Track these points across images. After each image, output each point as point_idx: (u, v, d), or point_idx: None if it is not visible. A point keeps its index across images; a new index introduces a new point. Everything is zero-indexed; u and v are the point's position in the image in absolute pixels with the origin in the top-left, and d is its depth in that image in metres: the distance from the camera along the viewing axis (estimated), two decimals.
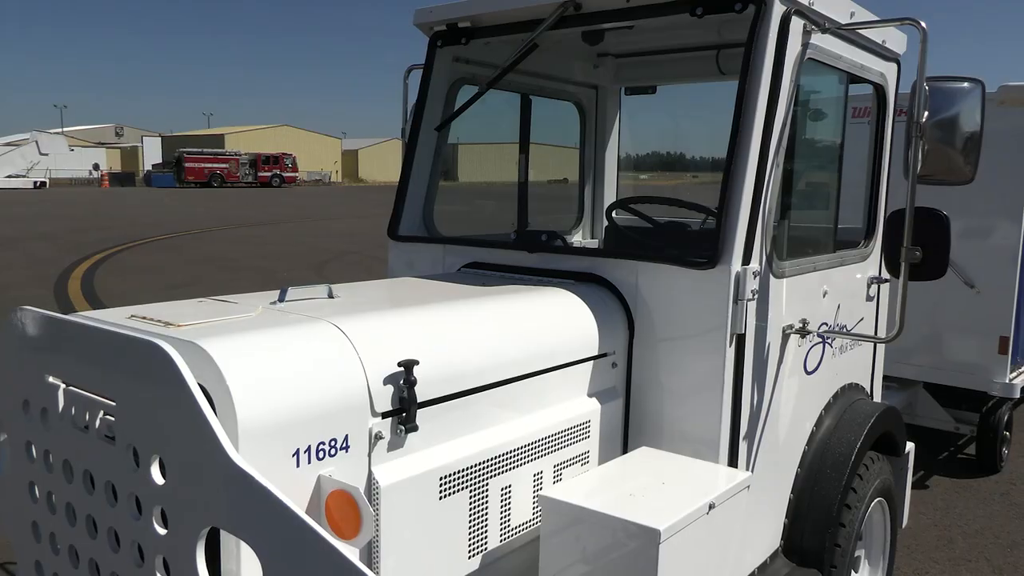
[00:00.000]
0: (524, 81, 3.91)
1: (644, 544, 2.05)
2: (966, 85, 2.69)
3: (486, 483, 2.23)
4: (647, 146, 5.79)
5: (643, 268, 2.72)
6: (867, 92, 3.47)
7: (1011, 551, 4.56)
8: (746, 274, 2.53)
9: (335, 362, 1.91)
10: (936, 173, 2.72)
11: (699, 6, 2.69)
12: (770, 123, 2.62)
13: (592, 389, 2.66)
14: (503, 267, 3.09)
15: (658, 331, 2.70)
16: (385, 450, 1.99)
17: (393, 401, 2.00)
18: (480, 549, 2.25)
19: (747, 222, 2.56)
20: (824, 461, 3.08)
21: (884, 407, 3.34)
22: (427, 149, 3.48)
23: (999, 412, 5.74)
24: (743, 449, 2.69)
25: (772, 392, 2.83)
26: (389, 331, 2.09)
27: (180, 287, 12.98)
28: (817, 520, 2.99)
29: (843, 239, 3.43)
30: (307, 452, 1.82)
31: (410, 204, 3.44)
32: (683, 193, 4.01)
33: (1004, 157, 5.41)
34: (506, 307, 2.47)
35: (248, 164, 64.34)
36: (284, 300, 2.26)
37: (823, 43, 2.85)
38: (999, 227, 5.54)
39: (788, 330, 2.87)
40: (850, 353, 3.42)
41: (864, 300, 3.47)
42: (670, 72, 4.23)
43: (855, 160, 3.53)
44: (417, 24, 3.41)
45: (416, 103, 3.48)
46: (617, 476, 2.35)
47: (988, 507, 5.17)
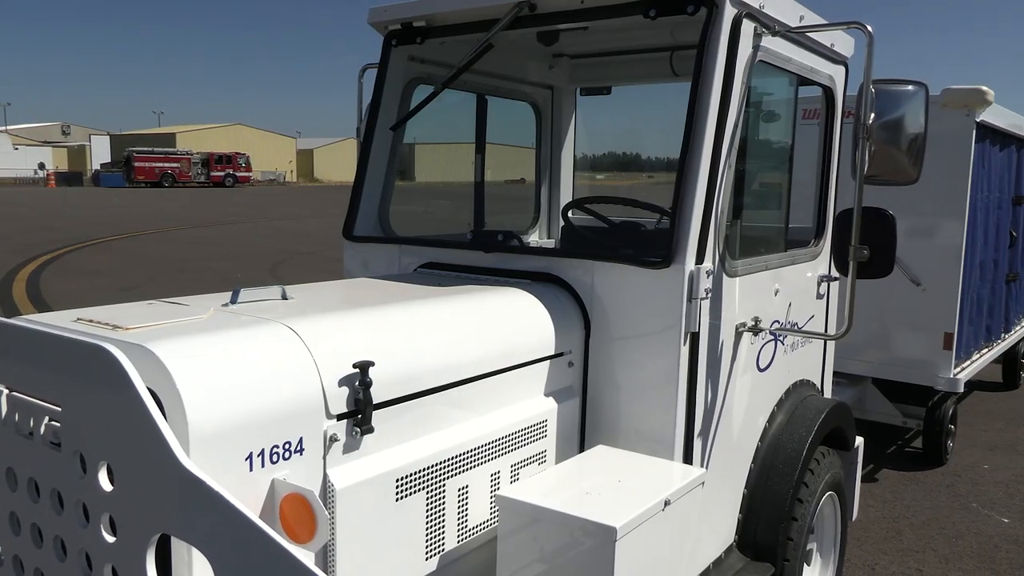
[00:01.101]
0: (480, 81, 3.91)
1: (600, 542, 2.06)
2: (910, 88, 2.76)
3: (443, 484, 2.23)
4: (603, 146, 5.83)
5: (598, 268, 2.74)
6: (817, 94, 3.54)
7: (956, 541, 4.69)
8: (699, 273, 2.57)
9: (289, 364, 1.88)
10: (882, 174, 2.78)
11: (652, 8, 2.71)
12: (722, 124, 2.65)
13: (549, 388, 2.67)
14: (459, 267, 3.08)
15: (613, 330, 2.72)
16: (340, 452, 1.97)
17: (348, 403, 1.98)
18: (437, 550, 2.24)
19: (700, 222, 2.59)
20: (776, 457, 3.13)
21: (834, 403, 3.42)
22: (382, 149, 3.46)
23: (944, 406, 5.90)
24: (698, 446, 2.73)
25: (726, 389, 2.87)
26: (344, 332, 2.07)
27: (130, 289, 12.70)
28: (770, 515, 3.04)
29: (794, 238, 3.49)
30: (260, 456, 1.79)
31: (365, 204, 3.41)
32: (639, 193, 4.04)
33: (947, 158, 5.56)
34: (462, 307, 2.46)
35: (200, 163, 63.20)
36: (236, 302, 2.22)
37: (773, 46, 2.90)
38: (943, 226, 5.70)
39: (741, 328, 2.91)
40: (801, 350, 3.49)
41: (814, 298, 3.54)
42: (625, 73, 4.26)
43: (805, 161, 3.60)
44: (372, 23, 3.39)
45: (371, 102, 3.46)
46: (573, 475, 2.36)
47: (934, 499, 5.32)
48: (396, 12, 3.25)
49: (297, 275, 14.83)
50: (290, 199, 47.35)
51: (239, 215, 31.81)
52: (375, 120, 3.41)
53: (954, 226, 5.66)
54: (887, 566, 4.37)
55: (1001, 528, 4.88)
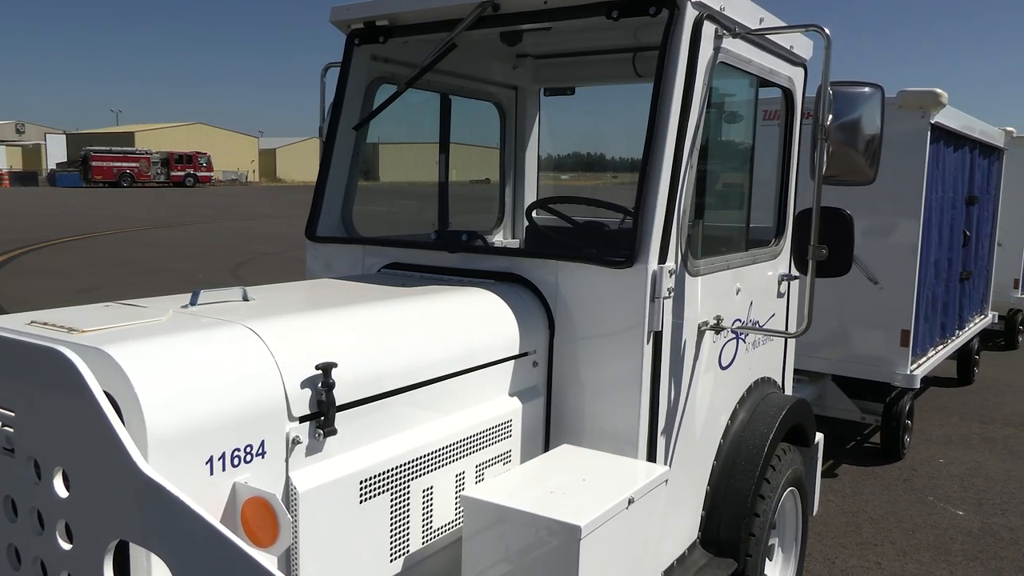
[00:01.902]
0: (443, 81, 3.90)
1: (565, 541, 2.07)
2: (867, 90, 2.82)
3: (407, 485, 2.22)
4: (567, 147, 5.86)
5: (562, 268, 2.74)
6: (776, 96, 3.59)
7: (913, 534, 4.79)
8: (662, 273, 2.59)
9: (249, 366, 1.86)
10: (840, 174, 2.83)
11: (615, 9, 2.73)
12: (684, 125, 2.68)
13: (513, 388, 2.67)
14: (423, 268, 3.07)
15: (578, 330, 2.73)
16: (303, 455, 1.96)
17: (311, 405, 1.96)
18: (402, 552, 2.23)
19: (663, 222, 2.62)
20: (739, 453, 3.17)
21: (795, 400, 3.47)
22: (345, 148, 3.44)
23: (901, 402, 6.03)
24: (661, 444, 2.75)
25: (689, 387, 2.89)
26: (306, 333, 2.05)
27: (86, 291, 12.45)
28: (733, 511, 3.08)
29: (755, 238, 3.54)
30: (221, 459, 1.77)
31: (328, 204, 3.39)
32: (603, 193, 4.07)
33: (903, 159, 5.68)
34: (426, 308, 2.46)
35: (160, 163, 62.14)
36: (196, 303, 2.19)
37: (734, 47, 2.93)
38: (900, 226, 5.82)
39: (703, 327, 2.94)
40: (762, 348, 3.54)
41: (775, 296, 3.59)
42: (588, 74, 4.28)
43: (766, 161, 3.65)
44: (334, 22, 3.36)
45: (334, 102, 3.43)
46: (538, 474, 2.37)
47: (892, 493, 5.42)
48: (359, 11, 3.23)
49: (259, 276, 14.67)
50: (252, 199, 46.80)
51: (200, 215, 31.37)
52: (338, 120, 3.38)
53: (910, 225, 5.78)
54: (847, 559, 4.45)
55: (956, 521, 4.99)
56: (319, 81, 3.61)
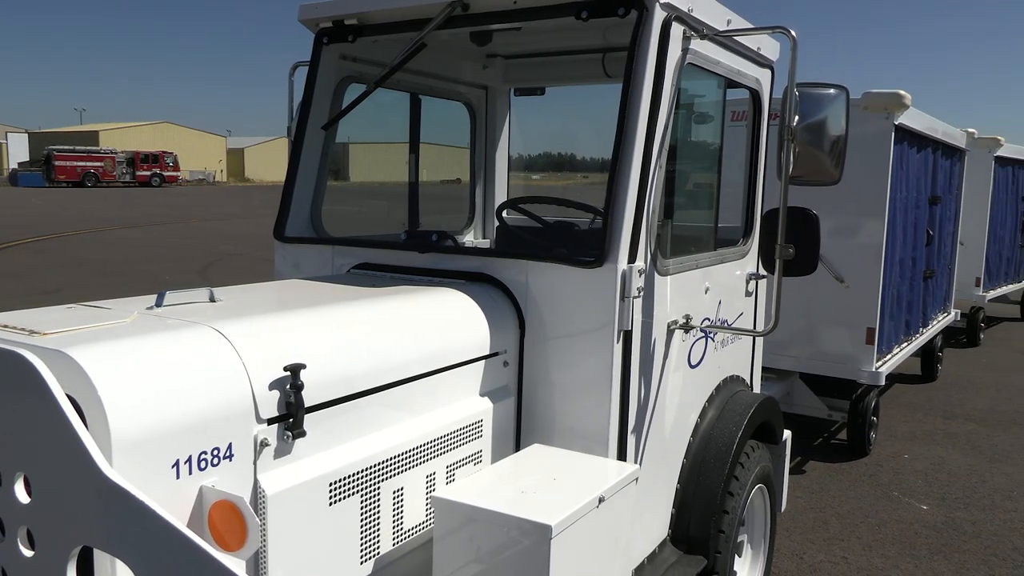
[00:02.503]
0: (413, 80, 3.89)
1: (536, 540, 2.07)
2: (832, 91, 2.85)
3: (377, 487, 2.21)
4: (538, 147, 5.88)
5: (533, 267, 2.75)
6: (744, 97, 3.62)
7: (879, 529, 4.87)
8: (632, 272, 2.60)
9: (216, 368, 1.84)
10: (806, 174, 2.87)
11: (584, 10, 2.74)
12: (653, 125, 2.69)
13: (484, 388, 2.67)
14: (393, 268, 3.06)
15: (548, 329, 2.74)
16: (272, 457, 1.94)
17: (279, 407, 1.95)
18: (372, 554, 2.22)
19: (632, 222, 2.63)
20: (708, 451, 3.20)
21: (763, 397, 3.50)
22: (314, 148, 3.41)
23: (867, 399, 6.12)
24: (631, 442, 2.77)
25: (658, 386, 2.91)
26: (274, 334, 2.03)
27: (50, 293, 12.22)
28: (702, 508, 3.10)
29: (723, 237, 3.57)
30: (188, 463, 1.74)
31: (297, 204, 3.36)
32: (573, 193, 4.08)
33: (868, 159, 5.77)
34: (396, 308, 2.44)
35: (125, 163, 61.18)
36: (162, 305, 2.16)
37: (702, 49, 2.96)
38: (865, 225, 5.91)
39: (673, 326, 2.96)
40: (731, 346, 3.57)
41: (743, 295, 3.62)
42: (558, 74, 4.29)
43: (734, 161, 3.69)
44: (302, 20, 3.34)
45: (302, 101, 3.40)
46: (509, 474, 2.37)
47: (858, 488, 5.50)
48: (327, 9, 3.21)
49: (227, 277, 14.51)
50: (220, 199, 46.27)
51: (167, 216, 30.95)
52: (306, 119, 3.36)
53: (875, 225, 5.88)
54: (814, 555, 4.51)
55: (920, 515, 5.08)
56: (287, 80, 3.58)
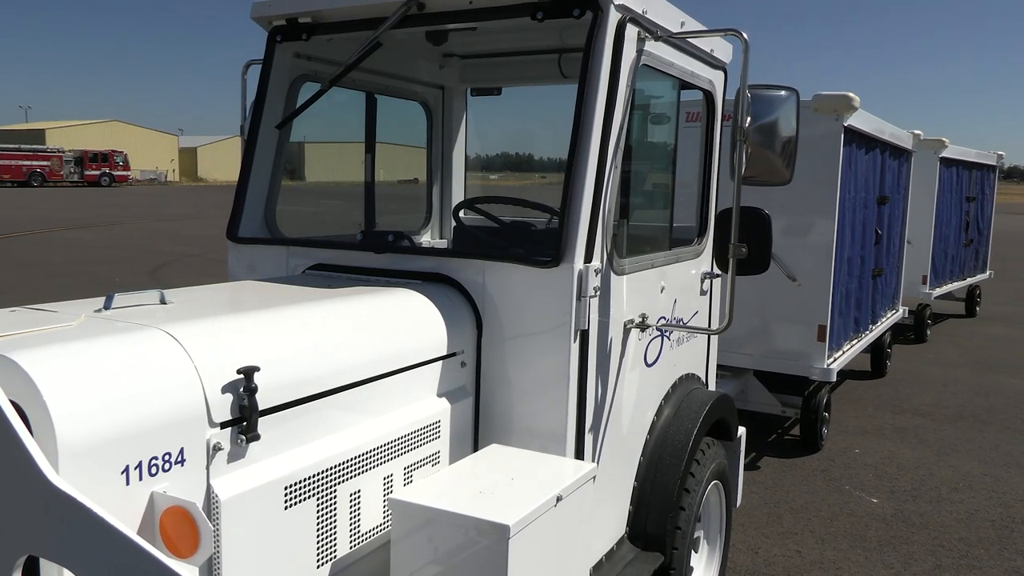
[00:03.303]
0: (369, 79, 3.86)
1: (494, 541, 2.07)
2: (783, 93, 2.91)
3: (334, 490, 2.19)
4: (495, 147, 5.88)
5: (489, 267, 2.75)
6: (698, 98, 3.67)
7: (831, 522, 4.97)
8: (588, 272, 2.62)
9: (167, 371, 1.80)
10: (758, 175, 2.91)
11: (539, 11, 2.75)
12: (608, 125, 2.71)
13: (441, 389, 2.66)
14: (349, 269, 3.04)
15: (505, 329, 2.74)
16: (225, 462, 1.91)
17: (233, 410, 1.92)
18: (329, 557, 2.20)
19: (588, 222, 2.65)
20: (664, 449, 3.23)
21: (718, 395, 3.55)
22: (268, 147, 3.37)
23: (819, 395, 6.24)
24: (589, 441, 2.78)
25: (615, 385, 2.94)
26: (227, 337, 2.00)
27: None
28: (659, 505, 3.14)
29: (678, 237, 3.61)
30: (138, 468, 1.71)
31: (250, 204, 3.31)
32: (531, 193, 4.09)
33: (819, 160, 5.88)
34: (351, 309, 2.43)
35: (73, 162, 59.66)
36: (110, 307, 2.11)
37: (656, 50, 2.99)
38: (816, 224, 6.02)
39: (629, 325, 2.99)
40: (687, 345, 3.61)
41: (698, 294, 3.67)
42: (514, 74, 4.30)
43: (689, 162, 3.73)
44: (255, 18, 3.29)
45: (255, 100, 3.36)
46: (467, 475, 2.37)
47: (811, 483, 5.61)
48: (280, 7, 3.17)
49: (180, 278, 14.25)
50: (172, 199, 45.42)
51: (117, 216, 30.28)
52: (260, 118, 3.31)
53: (825, 224, 6.00)
54: (769, 549, 4.59)
55: (871, 508, 5.20)
56: (240, 78, 3.53)
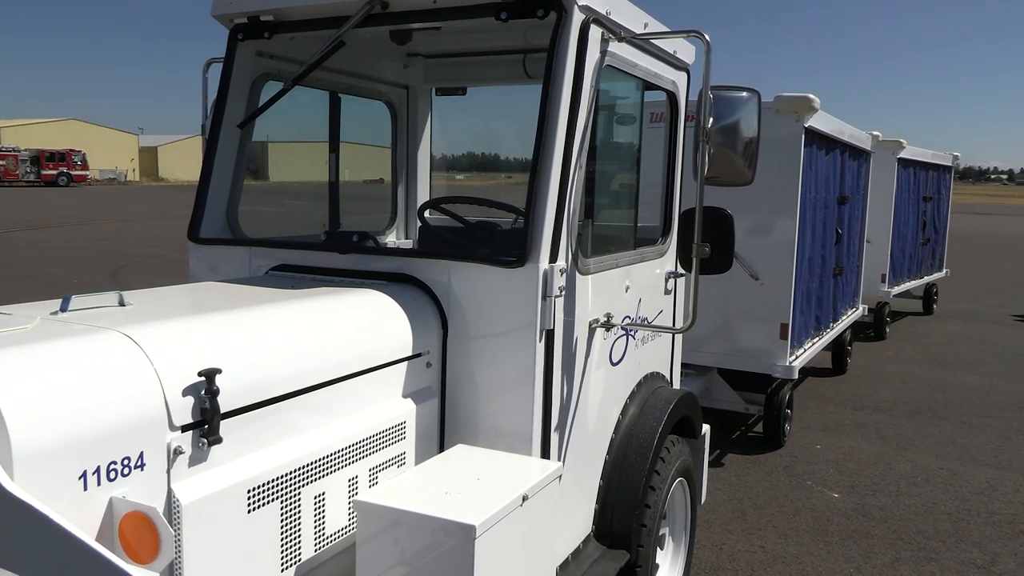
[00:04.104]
0: (332, 79, 3.83)
1: (460, 541, 2.07)
2: (744, 94, 2.94)
3: (298, 493, 2.17)
4: (460, 147, 5.86)
5: (455, 268, 2.74)
6: (662, 99, 3.70)
7: (794, 517, 5.04)
8: (553, 272, 2.62)
9: (125, 374, 1.77)
10: (721, 175, 2.94)
11: (503, 11, 2.75)
12: (573, 126, 2.72)
13: (407, 390, 2.65)
14: (313, 269, 3.01)
15: (471, 329, 2.74)
16: (186, 466, 1.88)
17: (194, 413, 1.89)
18: (293, 561, 2.18)
19: (553, 222, 2.65)
20: (630, 447, 3.25)
21: (682, 393, 3.58)
22: (229, 147, 3.32)
23: (782, 392, 6.33)
24: (555, 440, 2.79)
25: (581, 384, 2.95)
26: (187, 339, 1.97)
27: None
28: (625, 503, 3.16)
29: (643, 237, 3.64)
30: (96, 473, 1.68)
31: (212, 204, 3.27)
32: (497, 193, 4.09)
33: (780, 161, 5.96)
34: (315, 310, 2.41)
35: (30, 161, 58.35)
36: (67, 310, 2.07)
37: (620, 51, 3.00)
38: (778, 224, 6.11)
39: (594, 324, 3.00)
40: (651, 344, 3.64)
41: (663, 293, 3.70)
42: (479, 74, 4.30)
43: (653, 162, 3.76)
44: (216, 15, 3.25)
45: (217, 99, 3.32)
46: (432, 476, 2.36)
47: (774, 479, 5.69)
48: (242, 5, 3.13)
49: (141, 280, 14.01)
50: (132, 199, 44.64)
51: (75, 216, 29.69)
52: (221, 117, 3.27)
53: (787, 224, 6.08)
54: (733, 545, 4.64)
55: (832, 503, 5.28)
56: (201, 77, 3.48)
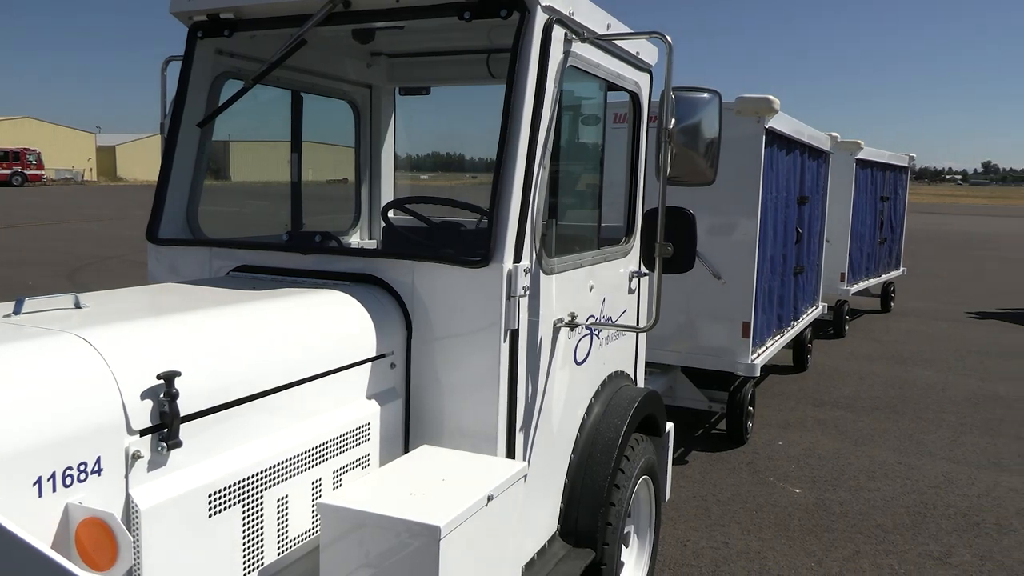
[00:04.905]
0: (294, 78, 3.79)
1: (425, 542, 2.06)
2: (706, 95, 2.97)
3: (260, 496, 2.14)
4: (425, 147, 5.84)
5: (419, 268, 2.73)
6: (625, 99, 3.72)
7: (757, 513, 5.11)
8: (518, 272, 2.63)
9: (81, 378, 1.74)
10: (683, 175, 2.97)
11: (467, 11, 2.74)
12: (536, 126, 2.73)
13: (371, 391, 2.63)
14: (275, 270, 2.98)
15: (435, 330, 2.73)
16: (145, 470, 1.85)
17: (153, 417, 1.86)
18: (256, 565, 2.15)
19: (517, 222, 2.66)
20: (594, 446, 3.27)
21: (646, 391, 3.61)
22: (189, 146, 3.28)
23: (744, 390, 6.41)
24: (520, 440, 2.79)
25: (545, 384, 2.95)
26: (146, 341, 1.94)
27: None
28: (590, 502, 3.17)
29: (606, 237, 3.66)
30: (51, 479, 1.64)
31: (171, 204, 3.22)
32: (462, 193, 4.08)
33: (741, 161, 6.04)
34: (277, 311, 2.38)
35: None
36: (20, 312, 2.03)
37: (583, 52, 3.02)
38: (739, 224, 6.18)
39: (558, 323, 3.01)
40: (616, 343, 3.66)
41: (627, 293, 3.72)
42: (443, 74, 4.29)
43: (616, 162, 3.78)
44: (174, 13, 3.19)
45: (176, 97, 3.26)
46: (397, 477, 2.35)
47: (737, 476, 5.76)
48: (201, 2, 3.09)
49: (98, 282, 13.74)
50: (90, 199, 43.75)
51: (30, 217, 29.02)
52: (180, 116, 3.22)
53: (748, 224, 6.16)
54: (697, 541, 4.68)
55: (794, 498, 5.36)
56: (159, 75, 3.43)
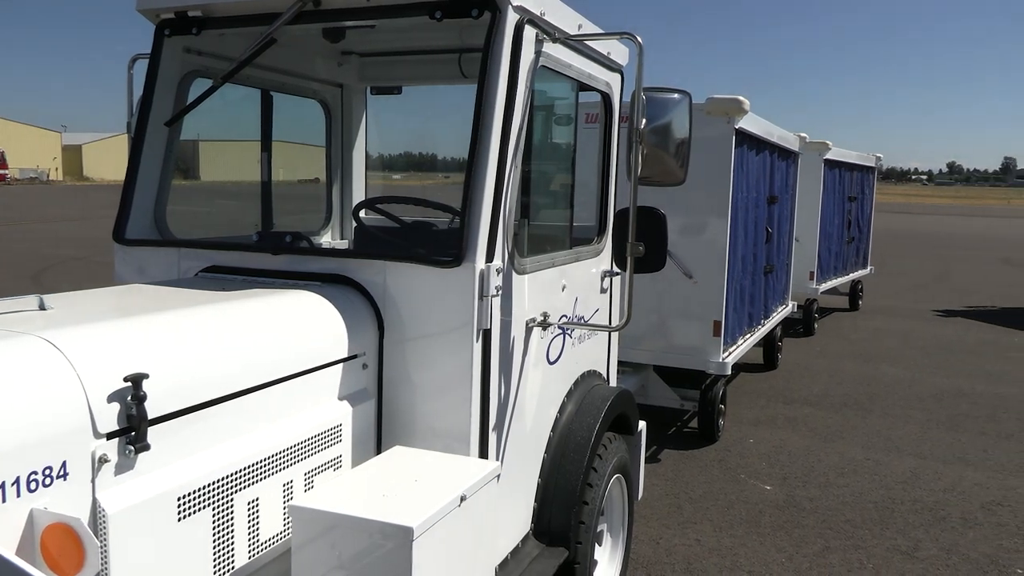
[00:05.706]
0: (264, 77, 3.76)
1: (398, 543, 2.05)
2: (676, 96, 2.99)
3: (231, 499, 2.12)
4: (397, 146, 5.83)
5: (390, 268, 2.72)
6: (596, 100, 3.74)
7: (728, 510, 5.15)
8: (490, 271, 2.63)
9: (46, 380, 1.71)
10: (653, 175, 2.99)
11: (438, 10, 2.74)
12: (508, 126, 2.73)
13: (343, 392, 2.62)
14: (245, 271, 2.95)
15: (407, 330, 2.72)
16: (112, 474, 1.82)
17: (120, 420, 1.83)
18: (227, 569, 2.13)
19: (489, 221, 2.65)
20: (567, 445, 3.28)
21: (619, 390, 3.63)
22: (157, 145, 3.23)
23: (715, 388, 6.46)
24: (493, 440, 2.79)
25: (518, 383, 2.96)
26: (112, 343, 1.91)
27: None
28: (563, 501, 3.18)
29: (578, 236, 3.67)
30: (15, 484, 1.61)
31: (139, 204, 3.17)
32: (434, 193, 4.07)
33: (712, 161, 6.08)
34: (247, 312, 2.36)
35: None
36: None
37: (555, 52, 3.02)
38: (710, 224, 6.23)
39: (531, 323, 3.01)
40: (588, 342, 3.68)
41: (599, 292, 3.73)
42: (415, 73, 4.27)
43: (588, 162, 3.79)
44: (141, 10, 3.15)
45: (143, 96, 3.22)
46: (369, 478, 2.34)
47: (709, 473, 5.80)
48: (169, 0, 3.05)
49: (64, 283, 13.52)
50: (55, 199, 43.04)
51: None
52: (147, 115, 3.17)
53: (719, 223, 6.21)
54: (670, 539, 4.72)
55: (765, 495, 5.42)
56: (126, 73, 3.38)
